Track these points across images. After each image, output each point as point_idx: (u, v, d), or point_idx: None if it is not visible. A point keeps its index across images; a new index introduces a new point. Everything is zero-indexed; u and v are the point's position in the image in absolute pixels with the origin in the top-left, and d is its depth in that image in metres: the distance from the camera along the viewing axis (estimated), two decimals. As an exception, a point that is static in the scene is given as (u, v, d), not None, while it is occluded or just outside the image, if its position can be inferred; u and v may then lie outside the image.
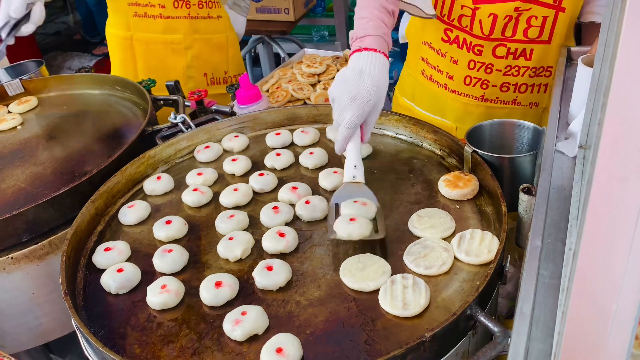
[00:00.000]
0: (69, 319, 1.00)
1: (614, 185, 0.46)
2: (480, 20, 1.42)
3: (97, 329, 0.99)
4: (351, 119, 1.12)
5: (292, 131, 1.46)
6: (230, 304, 0.99)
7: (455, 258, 1.03)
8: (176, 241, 1.15)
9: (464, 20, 1.45)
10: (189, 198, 1.25)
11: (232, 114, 1.59)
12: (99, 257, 1.11)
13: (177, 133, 1.46)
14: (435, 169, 1.29)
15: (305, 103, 1.97)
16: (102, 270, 1.08)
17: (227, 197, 1.24)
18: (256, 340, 0.93)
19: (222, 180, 1.34)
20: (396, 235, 1.11)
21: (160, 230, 1.16)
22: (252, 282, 1.03)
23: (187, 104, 1.64)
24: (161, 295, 1.00)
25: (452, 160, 1.29)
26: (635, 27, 0.40)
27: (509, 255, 1.01)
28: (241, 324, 0.92)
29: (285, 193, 1.23)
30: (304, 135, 1.43)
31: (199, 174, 1.32)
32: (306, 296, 1.00)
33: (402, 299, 0.94)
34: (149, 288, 1.02)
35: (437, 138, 1.33)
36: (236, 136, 1.45)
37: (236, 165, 1.34)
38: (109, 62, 2.19)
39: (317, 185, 1.27)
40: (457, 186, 1.17)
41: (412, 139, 1.39)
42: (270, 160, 1.36)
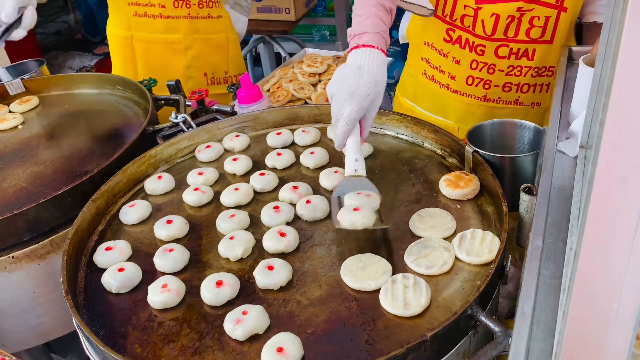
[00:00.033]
0: (69, 318, 1.00)
1: (615, 185, 0.46)
2: (482, 20, 1.41)
3: (98, 328, 0.99)
4: (350, 113, 1.12)
5: (293, 131, 1.46)
6: (231, 304, 1.00)
7: (456, 258, 1.03)
8: (177, 240, 1.16)
9: (467, 20, 1.44)
10: (190, 197, 1.25)
11: (233, 113, 1.59)
12: (100, 257, 1.11)
13: (178, 132, 1.46)
14: (436, 168, 1.29)
15: (306, 103, 1.97)
16: (103, 270, 1.09)
17: (228, 196, 1.24)
18: (257, 339, 0.93)
19: (223, 180, 1.34)
20: (397, 235, 1.11)
21: (161, 229, 1.16)
22: (253, 281, 1.03)
23: (188, 103, 1.64)
24: (162, 294, 1.00)
25: (453, 160, 1.29)
26: (636, 27, 0.40)
27: (509, 255, 1.01)
28: (242, 323, 0.92)
29: (286, 193, 1.23)
30: (304, 135, 1.43)
31: (200, 173, 1.33)
32: (307, 296, 1.00)
33: (403, 299, 0.94)
34: (150, 287, 1.02)
35: (438, 138, 1.33)
36: (237, 136, 1.45)
37: (237, 165, 1.35)
38: (110, 62, 2.19)
39: (318, 184, 1.27)
40: (458, 186, 1.17)
41: (413, 139, 1.39)
42: (271, 160, 1.36)
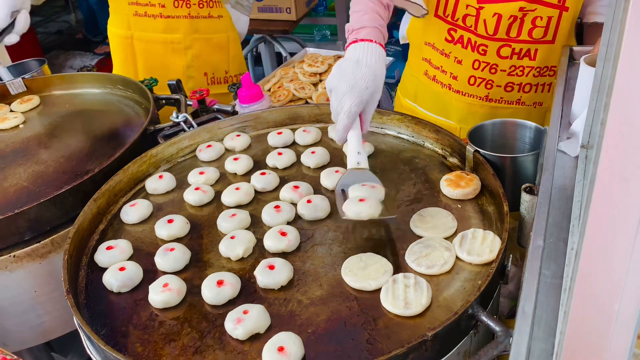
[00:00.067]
0: (70, 318, 1.00)
1: (616, 185, 0.46)
2: (484, 20, 1.41)
3: (99, 327, 0.99)
4: (350, 107, 1.12)
5: (293, 130, 1.46)
6: (232, 303, 1.00)
7: (457, 257, 1.03)
8: (178, 240, 1.16)
9: (469, 19, 1.44)
10: (191, 197, 1.25)
11: (234, 113, 1.59)
12: (101, 256, 1.11)
13: (179, 132, 1.46)
14: (437, 168, 1.29)
15: (307, 102, 1.97)
16: (104, 269, 1.09)
17: (229, 196, 1.24)
18: (258, 339, 0.93)
19: (224, 179, 1.34)
20: (398, 234, 1.11)
21: (162, 229, 1.16)
22: (253, 281, 1.03)
23: (189, 103, 1.64)
24: (163, 293, 1.00)
25: (454, 160, 1.29)
26: (637, 26, 0.40)
27: (510, 255, 1.01)
28: (243, 322, 0.92)
29: (286, 192, 1.23)
30: (305, 135, 1.43)
31: (201, 173, 1.33)
32: (308, 295, 1.00)
33: (403, 298, 0.94)
34: (150, 287, 1.03)
35: (439, 137, 1.33)
36: (238, 135, 1.45)
37: (238, 165, 1.35)
38: (111, 61, 2.19)
39: (319, 184, 1.27)
40: (459, 186, 1.17)
41: (414, 139, 1.39)
42: (272, 160, 1.36)
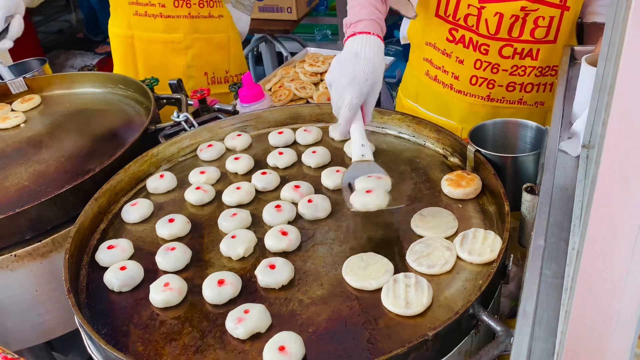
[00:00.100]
0: (71, 317, 1.00)
1: (618, 185, 0.46)
2: (486, 20, 1.41)
3: (100, 326, 0.99)
4: (351, 99, 1.12)
5: (294, 130, 1.46)
6: (232, 302, 1.00)
7: (458, 257, 1.03)
8: (179, 239, 1.16)
9: (470, 19, 1.44)
10: (192, 196, 1.25)
11: (235, 112, 1.59)
12: (102, 255, 1.11)
13: (180, 131, 1.46)
14: (437, 168, 1.29)
15: (307, 102, 1.97)
16: (105, 268, 1.09)
17: (230, 195, 1.24)
18: (259, 338, 0.93)
19: (225, 179, 1.34)
20: (398, 234, 1.11)
21: (163, 228, 1.16)
22: (254, 280, 1.04)
23: (190, 102, 1.64)
24: (164, 293, 1.00)
25: (454, 160, 1.29)
26: (639, 26, 0.40)
27: (511, 255, 1.00)
28: (244, 322, 0.92)
29: (287, 192, 1.23)
30: (306, 134, 1.43)
31: (202, 172, 1.33)
32: (309, 295, 1.00)
33: (404, 298, 0.94)
34: (151, 286, 1.03)
35: (440, 137, 1.33)
36: (239, 135, 1.45)
37: (239, 164, 1.35)
38: (112, 61, 2.19)
39: (320, 184, 1.27)
40: (459, 185, 1.17)
41: (415, 138, 1.39)
42: (272, 159, 1.36)
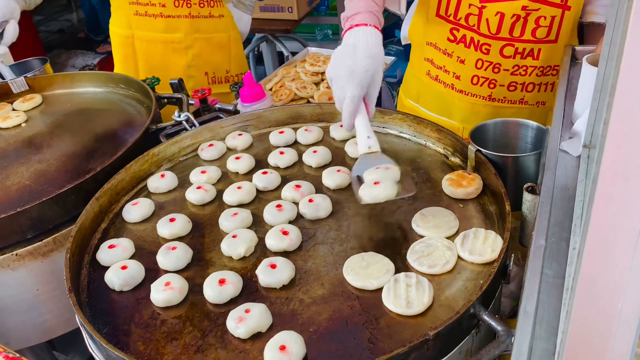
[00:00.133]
0: (72, 316, 1.00)
1: (619, 185, 0.46)
2: (487, 19, 1.41)
3: (101, 325, 0.99)
4: (353, 92, 1.12)
5: (295, 129, 1.46)
6: (233, 302, 1.00)
7: (459, 257, 1.03)
8: (180, 239, 1.16)
9: (471, 19, 1.44)
10: (193, 196, 1.26)
11: (236, 112, 1.59)
12: (103, 255, 1.12)
13: (181, 131, 1.46)
14: (438, 167, 1.29)
15: (308, 101, 1.97)
16: (106, 268, 1.09)
17: (231, 195, 1.24)
18: (259, 337, 0.93)
19: (226, 179, 1.34)
20: (399, 233, 1.11)
21: (164, 227, 1.16)
22: (255, 280, 1.04)
23: (191, 102, 1.64)
24: (165, 292, 1.00)
25: (455, 159, 1.29)
26: (641, 26, 0.40)
27: (512, 255, 1.00)
28: (245, 321, 0.92)
29: (288, 191, 1.23)
30: (307, 134, 1.43)
31: (203, 172, 1.33)
32: (309, 294, 1.00)
33: (405, 298, 0.94)
34: (152, 285, 1.03)
35: (441, 137, 1.33)
36: (240, 134, 1.45)
37: (240, 164, 1.35)
38: (113, 60, 2.19)
39: (321, 183, 1.27)
40: (460, 185, 1.17)
41: (416, 138, 1.39)
42: (273, 159, 1.36)
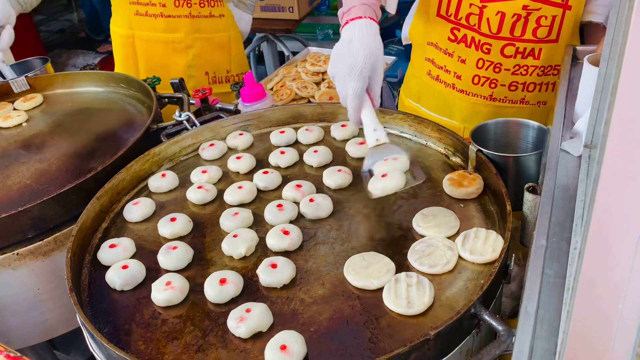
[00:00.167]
0: (73, 315, 1.00)
1: (620, 185, 0.46)
2: (488, 19, 1.41)
3: (102, 325, 0.99)
4: (355, 87, 1.12)
5: (296, 129, 1.46)
6: (234, 301, 1.00)
7: (460, 257, 1.03)
8: (181, 238, 1.16)
9: (472, 18, 1.44)
10: (194, 195, 1.26)
11: (237, 112, 1.59)
12: (104, 254, 1.12)
13: (181, 131, 1.46)
14: (439, 167, 1.29)
15: (309, 101, 1.97)
16: (107, 267, 1.09)
17: (232, 194, 1.24)
18: (260, 337, 0.93)
19: (227, 178, 1.34)
20: (400, 233, 1.11)
21: (165, 227, 1.16)
22: (256, 279, 1.04)
23: (192, 101, 1.64)
24: (166, 292, 1.01)
25: (456, 159, 1.29)
26: (643, 25, 0.40)
27: (513, 254, 1.00)
28: (245, 321, 0.93)
29: (289, 191, 1.23)
30: (308, 134, 1.43)
31: (204, 171, 1.33)
32: (310, 294, 1.00)
33: (406, 297, 0.94)
34: (153, 285, 1.03)
35: (442, 137, 1.33)
36: (241, 134, 1.45)
37: (241, 163, 1.35)
38: (114, 60, 2.19)
39: (321, 183, 1.27)
40: (461, 185, 1.17)
41: (417, 138, 1.39)
42: (274, 158, 1.36)
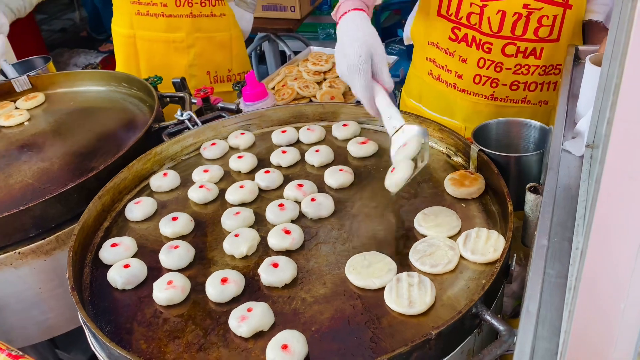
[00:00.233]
0: (75, 314, 1.00)
1: (622, 184, 0.46)
2: (488, 18, 1.41)
3: (103, 324, 0.99)
4: (359, 83, 1.14)
5: (297, 129, 1.46)
6: (236, 301, 1.00)
7: (461, 256, 1.03)
8: (182, 237, 1.16)
9: (473, 17, 1.44)
10: (195, 195, 1.26)
11: (238, 111, 1.60)
12: (106, 253, 1.12)
13: (183, 130, 1.46)
14: (441, 167, 1.29)
15: (311, 101, 1.97)
16: (109, 266, 1.09)
17: (233, 194, 1.24)
18: (262, 336, 0.93)
19: (228, 177, 1.34)
20: (402, 233, 1.11)
21: (166, 226, 1.16)
22: (257, 278, 1.04)
23: (194, 101, 1.64)
24: (167, 291, 1.01)
25: (458, 159, 1.29)
26: (645, 25, 0.40)
27: (514, 254, 1.00)
28: (247, 320, 0.93)
29: (290, 190, 1.23)
30: (309, 133, 1.43)
31: (205, 170, 1.33)
32: (312, 293, 1.00)
33: (407, 297, 0.94)
34: (155, 284, 1.03)
35: (443, 136, 1.33)
36: (242, 133, 1.45)
37: (242, 163, 1.35)
38: (115, 59, 2.19)
39: (323, 182, 1.27)
40: (463, 185, 1.17)
41: (418, 137, 1.38)
42: (276, 158, 1.36)
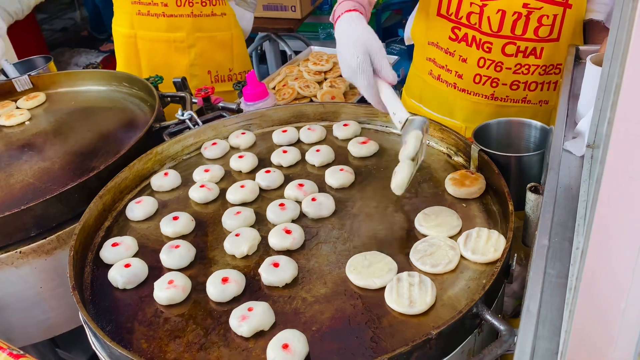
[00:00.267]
0: (75, 314, 1.00)
1: (623, 185, 0.46)
2: (488, 17, 1.42)
3: (104, 323, 0.99)
4: (362, 83, 1.17)
5: (298, 128, 1.46)
6: (236, 300, 1.00)
7: (462, 256, 1.03)
8: (183, 237, 1.16)
9: (473, 17, 1.44)
10: (196, 194, 1.26)
11: (239, 111, 1.60)
12: (107, 253, 1.12)
13: (184, 130, 1.46)
14: (441, 167, 1.29)
15: (311, 100, 1.97)
16: (110, 266, 1.09)
17: (234, 193, 1.24)
18: (262, 336, 0.93)
19: (229, 177, 1.35)
20: (402, 233, 1.11)
21: (167, 226, 1.17)
22: (258, 278, 1.04)
23: (194, 100, 1.64)
24: (168, 290, 1.01)
25: (458, 159, 1.29)
26: (646, 25, 0.40)
27: (515, 254, 1.00)
28: (247, 319, 0.93)
29: (291, 190, 1.23)
30: (310, 133, 1.43)
31: (206, 170, 1.33)
32: (312, 293, 1.00)
33: (408, 297, 0.94)
34: (156, 283, 1.03)
35: (444, 136, 1.33)
36: (243, 133, 1.46)
37: (243, 162, 1.35)
38: (116, 59, 2.19)
39: (324, 182, 1.27)
40: (463, 184, 1.17)
41: (419, 137, 1.38)
42: (276, 158, 1.36)
